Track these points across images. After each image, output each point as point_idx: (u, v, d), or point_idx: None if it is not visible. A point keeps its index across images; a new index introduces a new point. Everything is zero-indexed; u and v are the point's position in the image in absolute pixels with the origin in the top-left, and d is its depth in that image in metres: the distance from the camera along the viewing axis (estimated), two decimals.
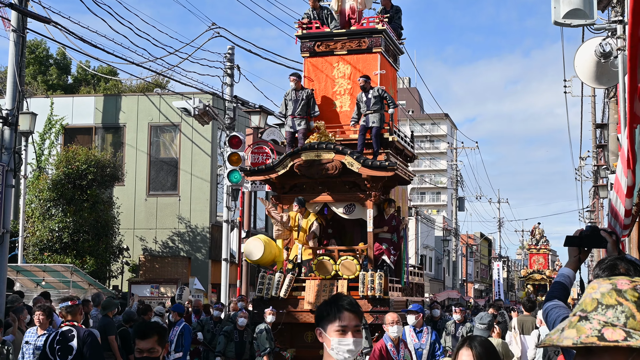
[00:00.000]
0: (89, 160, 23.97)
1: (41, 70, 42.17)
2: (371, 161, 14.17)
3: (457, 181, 58.76)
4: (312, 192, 14.94)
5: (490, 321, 10.49)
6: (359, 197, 14.63)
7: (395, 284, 14.90)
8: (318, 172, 14.41)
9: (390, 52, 16.44)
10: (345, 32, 15.71)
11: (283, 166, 14.71)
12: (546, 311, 3.63)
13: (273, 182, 15.14)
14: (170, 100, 26.73)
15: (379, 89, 15.01)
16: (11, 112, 15.65)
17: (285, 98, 15.53)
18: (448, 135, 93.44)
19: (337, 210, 14.99)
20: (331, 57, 15.78)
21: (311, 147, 14.51)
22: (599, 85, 13.99)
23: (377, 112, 14.83)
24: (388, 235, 15.11)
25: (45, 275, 20.37)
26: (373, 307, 13.87)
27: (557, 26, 11.40)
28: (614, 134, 21.28)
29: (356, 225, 15.73)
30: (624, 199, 4.31)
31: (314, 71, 15.90)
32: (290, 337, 14.70)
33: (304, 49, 15.87)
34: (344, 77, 15.73)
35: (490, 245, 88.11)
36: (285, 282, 14.35)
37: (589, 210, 43.13)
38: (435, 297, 45.66)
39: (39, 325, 10.31)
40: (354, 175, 14.40)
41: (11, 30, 15.91)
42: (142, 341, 5.01)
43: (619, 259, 3.51)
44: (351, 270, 14.19)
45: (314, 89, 15.62)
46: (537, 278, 48.14)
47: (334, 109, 15.75)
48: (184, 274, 26.77)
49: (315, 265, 14.35)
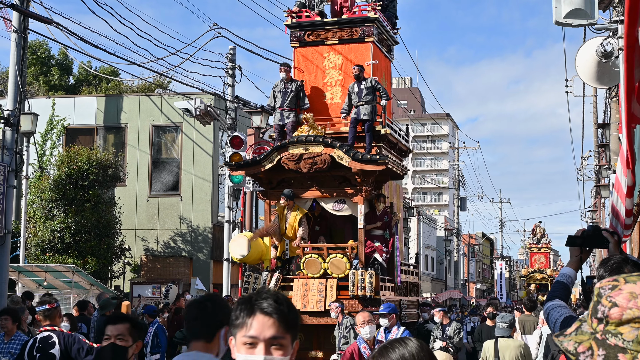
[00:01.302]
0: (90, 161, 23.98)
1: (43, 70, 42.19)
2: (361, 154, 13.55)
3: (459, 181, 58.75)
4: (301, 187, 14.36)
5: (511, 320, 10.52)
6: (349, 193, 14.05)
7: (387, 283, 14.34)
8: (306, 166, 13.74)
9: (384, 42, 15.80)
10: (337, 21, 15.07)
11: (270, 160, 14.07)
12: (547, 311, 3.63)
13: (259, 176, 14.56)
14: (171, 101, 26.75)
15: (372, 80, 14.39)
16: (13, 112, 15.66)
17: (274, 90, 14.95)
18: (450, 135, 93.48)
19: (327, 206, 14.37)
20: (322, 47, 15.16)
21: (299, 140, 13.85)
22: (601, 85, 13.98)
23: (369, 104, 14.21)
24: (380, 232, 14.48)
25: (47, 275, 20.39)
26: (364, 307, 12.97)
27: (558, 26, 11.40)
28: (615, 134, 21.27)
29: (347, 221, 15.03)
30: (625, 199, 4.32)
31: (303, 62, 15.28)
32: None
33: (293, 39, 15.26)
34: (335, 67, 15.11)
35: (492, 245, 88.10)
36: (272, 281, 13.81)
37: (591, 210, 43.11)
38: (436, 297, 45.66)
39: (5, 332, 8.93)
40: (344, 170, 13.82)
41: (13, 31, 15.92)
42: (112, 326, 4.80)
43: (624, 261, 3.51)
44: (340, 268, 13.59)
45: (303, 80, 15.04)
46: (538, 277, 47.53)
47: (324, 100, 15.15)
48: (186, 274, 26.78)
49: (304, 264, 13.78)
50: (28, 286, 20.67)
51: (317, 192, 14.22)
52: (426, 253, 61.04)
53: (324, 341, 13.41)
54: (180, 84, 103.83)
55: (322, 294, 13.45)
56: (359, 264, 13.59)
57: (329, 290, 13.48)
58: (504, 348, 10.17)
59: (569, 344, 1.98)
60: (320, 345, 13.52)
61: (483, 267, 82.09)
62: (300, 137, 13.88)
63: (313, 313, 13.35)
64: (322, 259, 13.70)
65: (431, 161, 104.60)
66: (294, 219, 13.97)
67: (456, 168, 59.51)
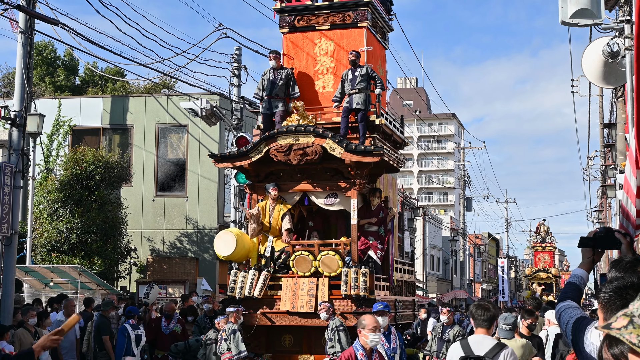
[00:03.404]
0: (96, 161, 24.01)
1: (49, 71, 42.25)
2: (355, 145, 12.62)
3: (465, 181, 58.68)
4: (290, 181, 13.43)
5: (514, 322, 10.34)
6: (341, 186, 13.09)
7: (382, 282, 13.41)
8: (296, 157, 12.84)
9: (378, 27, 14.85)
10: (328, 5, 14.11)
11: (257, 151, 13.16)
12: (559, 311, 3.63)
13: (246, 169, 13.58)
14: (177, 101, 26.75)
15: (367, 67, 13.49)
16: (19, 113, 15.69)
17: (263, 77, 14.11)
18: (455, 136, 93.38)
19: (318, 201, 13.42)
20: (312, 33, 14.23)
21: (289, 130, 12.93)
22: (607, 85, 13.97)
23: (363, 93, 13.28)
24: (374, 228, 13.53)
25: (53, 276, 20.41)
26: (357, 307, 12.35)
27: (564, 26, 11.39)
28: (621, 134, 21.24)
29: (340, 217, 14.10)
30: (635, 199, 4.31)
31: (293, 49, 14.35)
32: (266, 341, 13.24)
33: (282, 24, 14.35)
34: (327, 54, 14.19)
35: (498, 245, 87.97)
36: (259, 280, 12.90)
37: (597, 210, 43.04)
38: (442, 298, 45.65)
39: None
40: (336, 162, 12.88)
41: (19, 32, 15.95)
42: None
43: (637, 261, 3.50)
44: (332, 267, 12.70)
45: (293, 67, 14.16)
46: (543, 277, 46.77)
47: (315, 89, 14.20)
48: (192, 274, 26.79)
49: (293, 262, 12.86)
50: (34, 286, 20.72)
51: (307, 185, 13.31)
52: (432, 253, 61.02)
53: (315, 343, 12.77)
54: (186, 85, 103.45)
55: (313, 294, 12.62)
56: (352, 262, 12.71)
57: (321, 290, 12.63)
58: None
59: (631, 337, 1.97)
60: (310, 349, 12.90)
61: (489, 268, 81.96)
62: (290, 126, 13.01)
63: (303, 314, 12.63)
64: (313, 257, 12.83)
65: (437, 161, 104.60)
66: (278, 213, 13.16)
67: (462, 168, 59.46)
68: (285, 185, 13.42)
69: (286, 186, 13.42)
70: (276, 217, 13.15)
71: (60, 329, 5.17)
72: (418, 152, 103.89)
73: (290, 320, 12.80)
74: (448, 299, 46.87)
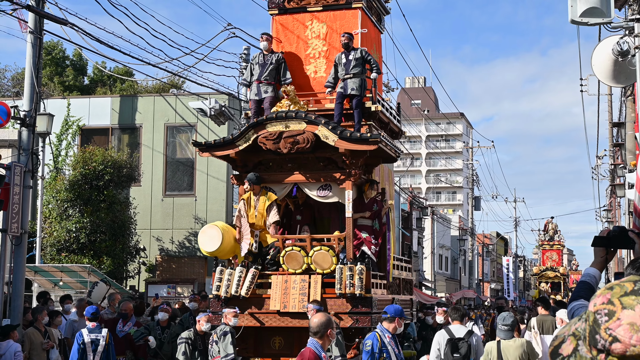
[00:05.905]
0: (105, 161, 24.06)
1: (58, 71, 42.36)
2: (350, 133, 11.67)
3: (473, 180, 58.58)
4: (280, 171, 12.49)
5: (513, 322, 10.27)
6: (336, 177, 12.09)
7: (379, 280, 12.52)
8: (287, 146, 11.94)
9: (374, 9, 13.97)
10: None
11: (245, 139, 12.19)
12: (572, 311, 3.63)
13: (233, 158, 12.60)
14: (186, 101, 26.78)
15: (362, 51, 12.62)
16: (29, 113, 15.72)
17: (252, 62, 13.31)
18: (464, 135, 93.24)
19: (310, 193, 12.44)
20: (303, 15, 13.33)
21: (278, 116, 11.97)
22: (616, 84, 13.91)
23: (358, 77, 12.45)
24: (368, 222, 12.54)
25: (62, 275, 20.47)
26: (353, 307, 11.51)
27: (574, 25, 11.35)
28: (631, 133, 21.16)
29: (332, 210, 13.28)
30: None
31: (283, 31, 13.46)
32: (255, 343, 12.33)
33: (271, 6, 13.48)
34: (319, 37, 13.29)
35: (507, 244, 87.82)
36: (247, 279, 12.05)
37: (606, 209, 42.87)
38: (450, 297, 45.56)
39: None
40: (330, 150, 11.96)
41: (28, 32, 15.98)
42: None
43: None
44: (325, 263, 11.80)
45: (283, 51, 13.28)
46: (551, 275, 46.10)
47: (306, 74, 13.31)
48: (201, 274, 26.81)
49: (284, 258, 11.94)
50: (44, 286, 20.76)
51: (299, 176, 12.33)
52: (440, 253, 60.93)
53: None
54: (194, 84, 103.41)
55: (305, 293, 11.68)
56: (346, 259, 11.77)
57: (313, 288, 11.71)
58: (507, 348, 10.00)
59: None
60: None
61: (497, 267, 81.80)
62: (280, 112, 12.06)
63: (295, 314, 11.71)
64: (305, 252, 11.86)
65: (445, 160, 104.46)
66: (262, 205, 12.24)
67: (470, 167, 59.36)
68: (275, 175, 12.51)
69: (276, 177, 12.51)
70: (261, 209, 12.27)
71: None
72: (426, 151, 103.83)
73: (281, 321, 11.89)
74: (456, 299, 46.78)
